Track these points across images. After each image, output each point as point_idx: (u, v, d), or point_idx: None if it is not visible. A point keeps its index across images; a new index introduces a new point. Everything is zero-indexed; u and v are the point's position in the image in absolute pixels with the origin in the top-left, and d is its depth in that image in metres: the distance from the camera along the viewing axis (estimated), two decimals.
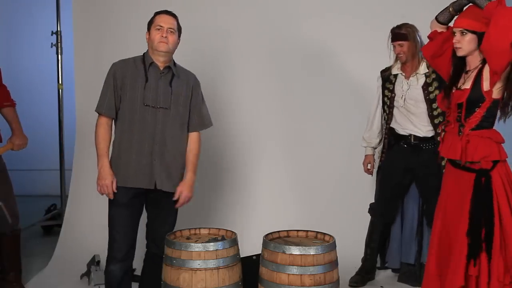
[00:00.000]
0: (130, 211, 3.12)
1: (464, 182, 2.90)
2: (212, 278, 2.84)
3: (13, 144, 3.63)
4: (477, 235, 2.82)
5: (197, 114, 3.24)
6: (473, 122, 2.87)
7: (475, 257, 2.82)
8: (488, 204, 2.82)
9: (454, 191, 2.95)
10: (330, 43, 4.64)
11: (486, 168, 2.85)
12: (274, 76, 4.73)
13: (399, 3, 4.49)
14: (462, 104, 2.88)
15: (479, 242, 2.82)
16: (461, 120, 2.90)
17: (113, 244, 3.13)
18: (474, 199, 2.84)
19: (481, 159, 2.84)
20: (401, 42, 3.74)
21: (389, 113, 3.91)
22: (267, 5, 4.71)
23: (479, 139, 2.86)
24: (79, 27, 4.78)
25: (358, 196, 4.40)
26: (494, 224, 2.81)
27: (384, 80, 3.92)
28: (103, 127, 3.11)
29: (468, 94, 2.87)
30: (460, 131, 2.90)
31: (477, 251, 2.82)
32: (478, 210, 2.84)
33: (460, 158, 2.88)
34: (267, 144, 4.72)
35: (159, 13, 3.13)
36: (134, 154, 3.08)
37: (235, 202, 4.74)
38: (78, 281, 4.06)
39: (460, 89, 2.93)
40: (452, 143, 2.92)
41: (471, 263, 2.83)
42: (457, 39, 2.89)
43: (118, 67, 3.12)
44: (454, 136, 2.92)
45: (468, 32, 2.86)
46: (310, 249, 2.82)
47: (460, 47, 2.89)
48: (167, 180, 3.15)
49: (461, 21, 2.89)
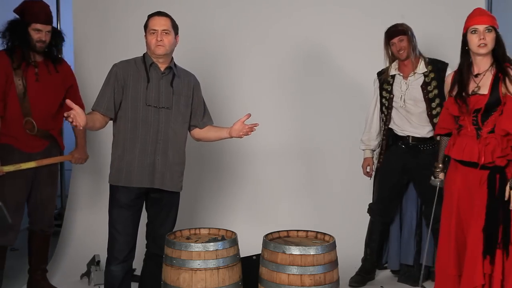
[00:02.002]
0: (131, 211, 3.13)
1: (474, 180, 2.90)
2: (212, 278, 2.84)
3: (73, 156, 3.81)
4: (493, 232, 2.82)
5: (199, 113, 3.28)
6: (490, 125, 2.87)
7: (492, 254, 2.81)
8: (504, 200, 2.82)
9: (464, 190, 2.95)
10: (329, 43, 4.64)
11: (500, 165, 2.85)
12: (273, 76, 4.72)
13: (399, 3, 4.48)
14: (480, 109, 2.88)
15: (496, 238, 2.81)
16: (478, 123, 2.90)
17: (114, 245, 3.13)
18: (489, 194, 2.84)
19: (497, 158, 2.84)
20: (401, 36, 3.74)
21: (387, 114, 3.91)
22: (266, 5, 4.70)
23: (496, 141, 2.86)
24: (79, 27, 4.79)
25: (358, 196, 4.40)
26: (511, 219, 2.81)
27: (381, 82, 3.93)
28: (96, 115, 3.07)
29: (487, 100, 2.87)
30: (478, 135, 2.89)
31: (493, 247, 2.81)
32: (494, 206, 2.83)
33: (477, 160, 2.87)
34: (266, 144, 4.72)
35: (152, 16, 3.13)
36: (138, 153, 3.09)
37: (235, 202, 4.74)
38: (78, 281, 4.06)
39: (475, 93, 2.91)
40: (467, 146, 2.91)
41: (487, 260, 2.82)
42: (483, 35, 2.87)
43: (120, 67, 3.13)
44: (471, 139, 2.91)
45: (493, 29, 2.88)
46: (310, 249, 2.82)
47: (486, 43, 2.88)
48: (169, 179, 3.16)
49: (484, 19, 2.90)
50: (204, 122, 3.31)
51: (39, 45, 3.57)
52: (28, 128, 3.54)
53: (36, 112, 3.57)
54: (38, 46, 3.57)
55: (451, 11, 4.33)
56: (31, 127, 3.54)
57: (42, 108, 3.60)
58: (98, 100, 3.10)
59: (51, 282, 3.85)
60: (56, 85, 3.68)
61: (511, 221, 2.82)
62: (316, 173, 4.72)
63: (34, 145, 3.61)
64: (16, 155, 3.55)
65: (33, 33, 3.54)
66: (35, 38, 3.55)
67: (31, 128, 3.54)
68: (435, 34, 4.28)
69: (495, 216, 2.83)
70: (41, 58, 3.64)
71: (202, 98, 3.32)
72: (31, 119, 3.54)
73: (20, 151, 3.56)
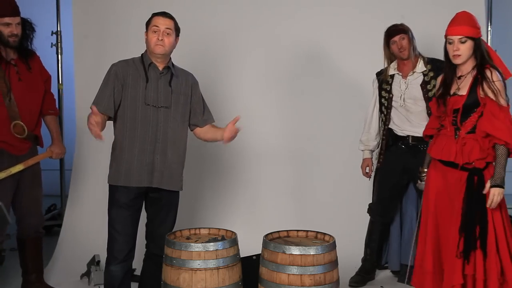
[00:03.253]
0: (131, 211, 3.13)
1: (454, 181, 2.97)
2: (212, 278, 2.83)
3: (52, 152, 3.69)
4: (470, 232, 2.87)
5: (199, 111, 3.28)
6: (468, 126, 2.94)
7: (469, 255, 2.86)
8: (482, 202, 2.88)
9: (443, 189, 3.02)
10: (329, 43, 4.64)
11: (479, 167, 2.91)
12: (273, 76, 4.72)
13: (399, 3, 4.48)
14: (459, 109, 2.94)
15: (473, 239, 2.87)
16: (457, 124, 2.96)
17: (114, 245, 3.13)
18: (467, 196, 2.91)
19: (476, 160, 2.91)
20: (402, 35, 3.75)
21: (386, 114, 3.92)
22: (266, 6, 4.70)
23: (474, 142, 2.93)
24: (79, 27, 4.78)
25: (358, 196, 4.40)
26: (488, 221, 2.87)
27: (380, 82, 3.93)
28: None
29: (464, 100, 2.93)
30: (456, 134, 2.96)
31: (470, 248, 2.87)
32: (471, 207, 2.89)
33: (454, 160, 2.94)
34: (266, 144, 4.72)
35: (156, 15, 3.13)
36: (137, 152, 3.09)
37: (235, 202, 4.74)
38: (78, 281, 4.06)
39: (455, 95, 2.98)
40: (446, 145, 2.99)
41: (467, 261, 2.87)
42: (457, 46, 2.93)
43: (119, 66, 3.13)
44: (449, 139, 2.98)
45: (468, 39, 2.91)
46: (310, 249, 2.82)
47: (460, 54, 2.93)
48: (169, 179, 3.16)
49: (459, 29, 2.93)
50: (204, 120, 3.30)
51: (12, 39, 3.36)
52: (17, 132, 3.42)
53: (25, 113, 3.44)
54: (11, 41, 3.36)
55: (451, 11, 4.31)
56: (20, 131, 3.42)
57: (29, 109, 3.48)
58: (98, 99, 3.09)
59: (51, 282, 3.84)
60: (36, 81, 3.55)
61: (488, 222, 2.87)
62: (316, 173, 4.72)
63: (22, 147, 3.49)
64: (5, 158, 3.43)
65: (3, 28, 3.32)
66: (6, 33, 3.33)
67: (20, 131, 3.43)
68: (435, 34, 4.24)
69: (472, 217, 2.89)
70: (16, 55, 3.44)
71: (201, 96, 3.32)
72: (21, 123, 3.42)
73: (9, 154, 3.45)
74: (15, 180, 3.50)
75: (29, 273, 3.72)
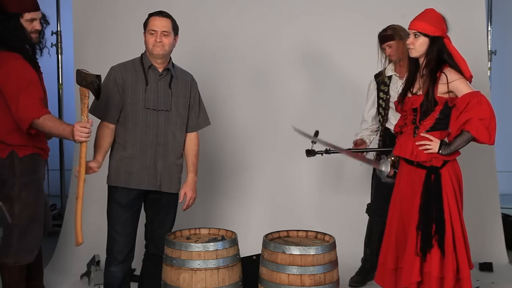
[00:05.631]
0: (130, 212, 3.13)
1: (415, 179, 3.00)
2: (212, 278, 2.84)
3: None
4: (427, 230, 2.90)
5: (194, 114, 3.26)
6: (427, 125, 2.98)
7: (425, 252, 2.89)
8: (438, 200, 2.92)
9: (407, 187, 3.05)
10: (328, 44, 4.64)
11: (436, 166, 2.94)
12: (272, 76, 4.72)
13: (399, 3, 4.48)
14: (417, 108, 2.97)
15: (429, 237, 2.89)
16: (416, 122, 3.00)
17: (114, 246, 3.13)
18: (424, 194, 2.94)
19: (428, 158, 2.94)
20: (389, 42, 3.79)
21: (384, 115, 3.93)
22: (265, 6, 4.70)
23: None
24: (79, 27, 4.78)
25: (357, 196, 4.40)
26: (444, 219, 2.90)
27: (378, 83, 3.95)
28: (107, 130, 3.09)
29: (422, 100, 2.95)
30: (415, 133, 3.00)
31: (427, 246, 2.89)
32: (427, 205, 2.92)
33: (409, 157, 2.98)
34: (266, 144, 4.72)
35: (153, 15, 3.10)
36: (138, 155, 3.09)
37: (235, 202, 4.73)
38: (78, 281, 4.06)
39: (415, 94, 3.00)
40: (404, 143, 3.03)
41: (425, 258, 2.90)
42: (411, 40, 2.96)
43: (118, 71, 3.10)
44: (409, 137, 3.02)
45: (421, 35, 2.94)
46: (310, 249, 2.82)
47: (413, 48, 2.96)
48: (169, 181, 3.16)
49: (416, 24, 2.96)
50: (198, 123, 3.28)
51: (34, 36, 3.05)
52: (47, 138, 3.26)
53: None
54: (34, 38, 3.05)
55: (451, 11, 4.30)
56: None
57: None
58: (106, 111, 3.05)
59: (50, 282, 3.84)
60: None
61: (445, 220, 2.90)
62: (316, 173, 4.72)
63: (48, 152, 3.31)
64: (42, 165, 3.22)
65: (27, 24, 2.99)
66: (29, 29, 3.01)
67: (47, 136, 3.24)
68: None
69: (428, 215, 2.92)
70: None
71: (198, 97, 3.29)
72: None
73: (45, 161, 3.24)
74: None
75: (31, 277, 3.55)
